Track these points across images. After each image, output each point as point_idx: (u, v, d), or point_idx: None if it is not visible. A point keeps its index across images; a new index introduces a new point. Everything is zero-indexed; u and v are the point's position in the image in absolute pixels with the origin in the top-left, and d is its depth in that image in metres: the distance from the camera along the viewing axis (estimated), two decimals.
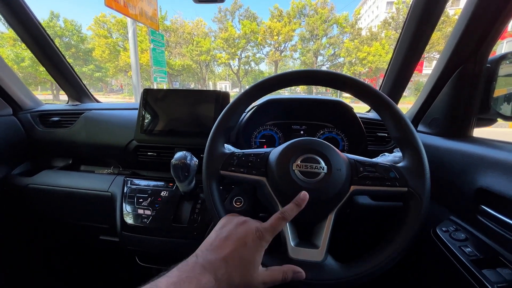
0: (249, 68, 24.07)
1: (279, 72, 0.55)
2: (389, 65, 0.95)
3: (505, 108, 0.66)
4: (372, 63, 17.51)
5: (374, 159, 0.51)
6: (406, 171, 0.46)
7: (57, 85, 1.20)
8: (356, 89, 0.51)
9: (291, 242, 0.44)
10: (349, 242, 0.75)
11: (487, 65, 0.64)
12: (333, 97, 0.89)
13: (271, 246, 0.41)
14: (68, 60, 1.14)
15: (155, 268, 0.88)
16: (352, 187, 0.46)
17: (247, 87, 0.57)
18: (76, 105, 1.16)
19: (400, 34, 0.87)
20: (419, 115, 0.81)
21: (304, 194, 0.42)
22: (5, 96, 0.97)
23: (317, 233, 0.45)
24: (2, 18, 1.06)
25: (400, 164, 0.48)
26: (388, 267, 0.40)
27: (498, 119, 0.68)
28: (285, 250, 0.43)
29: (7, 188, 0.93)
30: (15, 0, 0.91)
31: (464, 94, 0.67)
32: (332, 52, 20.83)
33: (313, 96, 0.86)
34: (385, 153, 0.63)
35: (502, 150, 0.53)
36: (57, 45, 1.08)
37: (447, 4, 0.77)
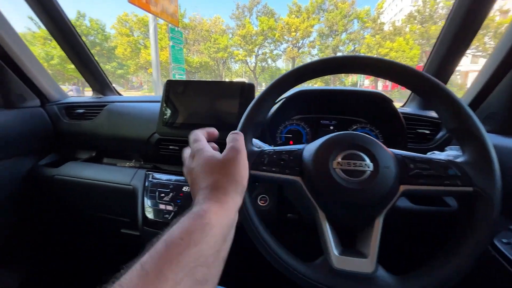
0: (266, 65, 23.87)
1: None
2: (433, 47, 0.84)
3: None
4: (394, 60, 16.75)
5: (426, 155, 0.44)
6: (469, 168, 0.38)
7: (83, 81, 1.21)
8: (400, 74, 0.44)
9: (334, 250, 0.38)
10: (393, 250, 0.67)
11: None
12: (371, 89, 0.81)
13: (311, 254, 0.35)
14: None
15: None
16: (402, 187, 0.39)
17: (263, 84, 0.51)
18: (100, 97, 1.16)
19: (451, 9, 0.76)
20: (471, 109, 0.71)
21: None
22: (34, 88, 0.99)
23: (364, 240, 0.39)
24: (34, 19, 1.09)
25: (460, 160, 0.40)
26: (454, 282, 0.34)
27: None
28: (328, 259, 0.38)
29: (35, 178, 0.95)
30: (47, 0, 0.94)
31: None
32: (352, 48, 20.13)
33: (349, 87, 0.79)
34: (435, 151, 0.55)
35: None
36: None
37: None
